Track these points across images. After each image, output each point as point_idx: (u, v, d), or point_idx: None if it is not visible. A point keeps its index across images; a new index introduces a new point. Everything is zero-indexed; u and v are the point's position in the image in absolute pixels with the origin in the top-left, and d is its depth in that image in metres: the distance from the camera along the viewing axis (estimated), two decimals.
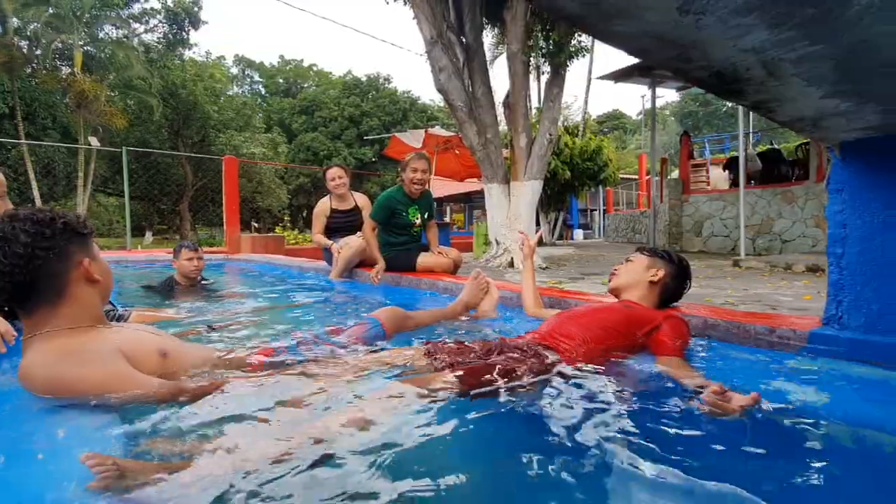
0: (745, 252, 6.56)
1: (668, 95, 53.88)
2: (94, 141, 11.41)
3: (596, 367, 1.30)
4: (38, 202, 14.49)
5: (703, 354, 1.53)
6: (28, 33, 16.38)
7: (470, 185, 14.63)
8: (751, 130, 11.51)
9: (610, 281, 1.70)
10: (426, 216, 3.59)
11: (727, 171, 9.48)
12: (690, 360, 1.41)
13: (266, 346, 1.41)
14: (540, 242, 9.84)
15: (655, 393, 1.19)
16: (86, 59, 16.59)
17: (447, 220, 18.49)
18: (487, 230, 6.72)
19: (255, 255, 6.11)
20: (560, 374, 1.25)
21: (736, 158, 8.81)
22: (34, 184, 14.80)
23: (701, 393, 1.07)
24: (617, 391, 1.16)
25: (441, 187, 14.56)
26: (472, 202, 20.31)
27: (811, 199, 7.28)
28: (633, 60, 8.44)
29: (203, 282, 3.43)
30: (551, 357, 1.32)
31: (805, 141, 8.32)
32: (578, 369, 1.28)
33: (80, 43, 16.42)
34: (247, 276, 4.82)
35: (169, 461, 0.84)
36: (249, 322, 2.13)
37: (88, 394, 1.04)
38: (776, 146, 10.28)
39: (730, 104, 34.12)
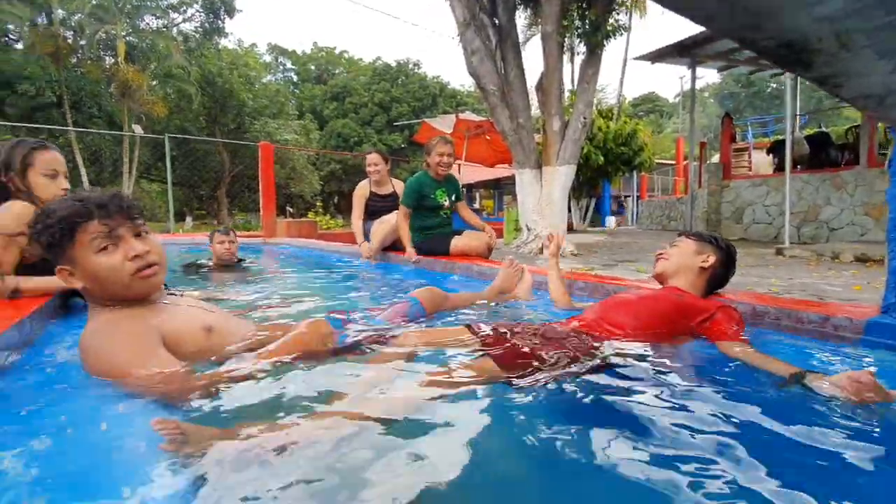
0: (790, 240, 6.28)
1: (709, 76, 51.52)
2: (137, 129, 11.87)
3: (646, 354, 1.26)
4: (87, 188, 15.22)
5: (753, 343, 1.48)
6: (73, 24, 17.03)
7: (500, 171, 14.50)
8: (798, 112, 10.91)
9: (656, 265, 1.63)
10: (453, 198, 3.63)
11: (771, 155, 9.03)
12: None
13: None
14: (570, 229, 9.72)
15: (711, 379, 1.16)
16: (128, 49, 17.17)
17: (476, 206, 18.41)
18: (518, 216, 6.66)
19: (291, 238, 6.27)
20: (608, 361, 1.21)
21: (781, 142, 8.38)
22: (83, 170, 15.55)
23: (798, 379, 1.05)
24: (668, 378, 1.13)
25: (471, 173, 14.48)
26: (502, 188, 20.14)
27: (861, 185, 6.87)
28: (671, 40, 8.11)
29: (240, 262, 3.62)
30: (598, 344, 1.29)
31: (856, 124, 7.83)
32: (627, 357, 1.24)
33: (123, 33, 16.98)
34: (284, 259, 4.95)
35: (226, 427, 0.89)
36: (291, 302, 2.20)
37: (108, 371, 1.05)
38: (825, 129, 9.73)
39: (774, 84, 32.38)
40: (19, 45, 17.54)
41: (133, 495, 0.71)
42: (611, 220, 15.80)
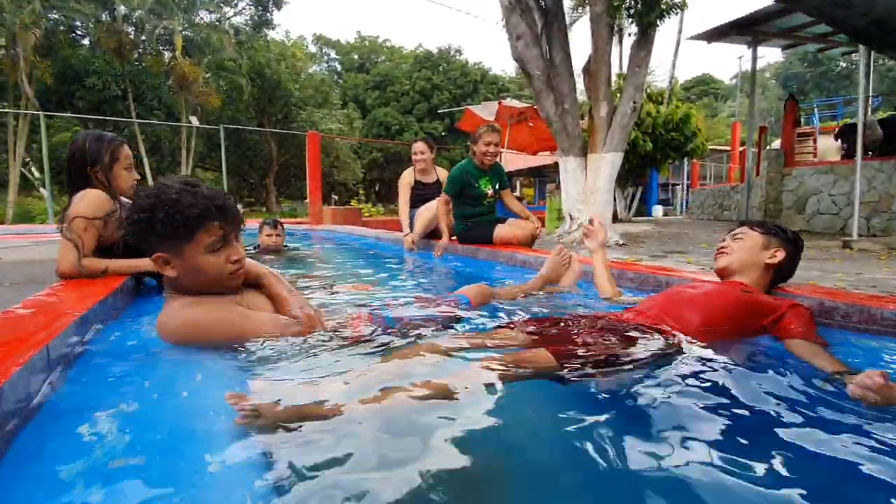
0: (858, 232, 5.84)
1: (770, 55, 48.16)
2: (194, 120, 12.50)
3: (710, 355, 1.20)
4: (149, 177, 16.19)
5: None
6: (134, 20, 17.98)
7: (541, 159, 14.21)
8: (871, 93, 10.03)
9: (718, 260, 1.51)
10: (497, 186, 3.61)
11: (839, 141, 8.38)
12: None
13: (362, 312, 1.49)
14: (615, 219, 9.42)
15: (779, 382, 1.09)
16: (185, 43, 17.97)
17: (517, 194, 18.18)
18: (561, 205, 6.54)
19: (336, 225, 6.44)
20: (672, 359, 1.16)
21: (850, 126, 7.75)
22: (146, 160, 16.53)
23: (838, 377, 1.00)
24: (732, 380, 1.07)
25: (512, 160, 14.26)
26: (543, 176, 19.76)
27: None
28: (730, 17, 7.62)
29: (286, 248, 3.84)
30: (662, 340, 1.22)
31: None
32: (693, 356, 1.18)
33: (180, 28, 17.77)
34: (331, 246, 5.11)
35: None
36: (339, 289, 2.27)
37: (218, 332, 1.18)
38: None
39: (844, 63, 29.83)
40: (85, 42, 18.74)
41: (212, 459, 0.77)
42: (657, 210, 15.20)
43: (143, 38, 18.16)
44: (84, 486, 0.70)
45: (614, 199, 9.23)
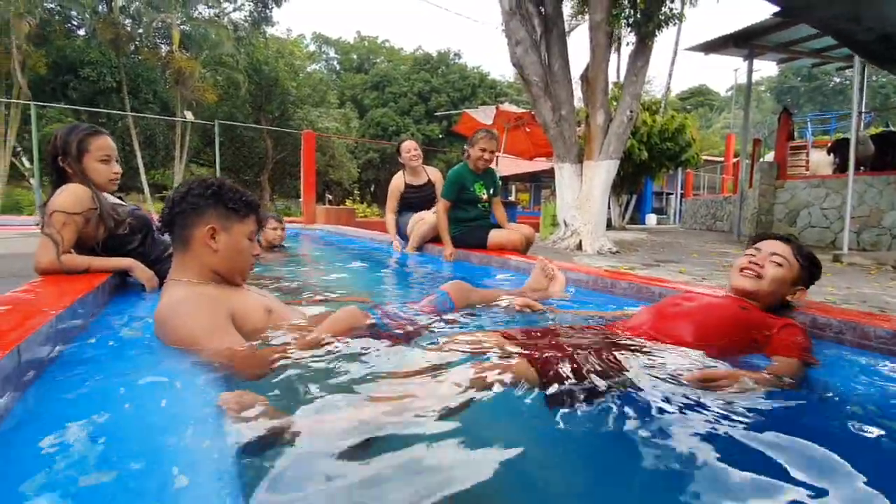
0: (848, 246, 5.89)
1: (766, 69, 48.70)
2: (189, 115, 12.37)
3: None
4: (142, 170, 16.01)
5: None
6: (131, 12, 17.80)
7: (538, 164, 14.27)
8: (863, 110, 10.14)
9: (744, 278, 1.39)
10: (491, 192, 3.60)
11: (832, 155, 8.47)
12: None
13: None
14: (609, 226, 9.44)
15: (777, 403, 1.07)
16: (182, 38, 17.81)
17: (511, 198, 18.21)
18: (556, 211, 6.54)
19: (329, 225, 6.40)
20: (669, 376, 1.12)
21: (842, 141, 7.84)
22: (138, 153, 16.34)
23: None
24: (728, 401, 1.04)
25: (508, 165, 14.32)
26: (539, 182, 19.85)
27: None
28: (726, 29, 7.68)
29: (283, 247, 3.81)
30: (651, 358, 1.20)
31: None
32: (682, 373, 1.14)
33: (178, 22, 17.62)
34: (323, 245, 5.06)
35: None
36: (331, 290, 2.24)
37: (182, 341, 1.15)
38: (893, 128, 9.03)
39: (838, 78, 30.27)
40: (81, 32, 18.53)
41: (184, 474, 0.73)
42: (651, 218, 15.28)
43: (140, 30, 17.95)
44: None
45: (609, 207, 9.25)
